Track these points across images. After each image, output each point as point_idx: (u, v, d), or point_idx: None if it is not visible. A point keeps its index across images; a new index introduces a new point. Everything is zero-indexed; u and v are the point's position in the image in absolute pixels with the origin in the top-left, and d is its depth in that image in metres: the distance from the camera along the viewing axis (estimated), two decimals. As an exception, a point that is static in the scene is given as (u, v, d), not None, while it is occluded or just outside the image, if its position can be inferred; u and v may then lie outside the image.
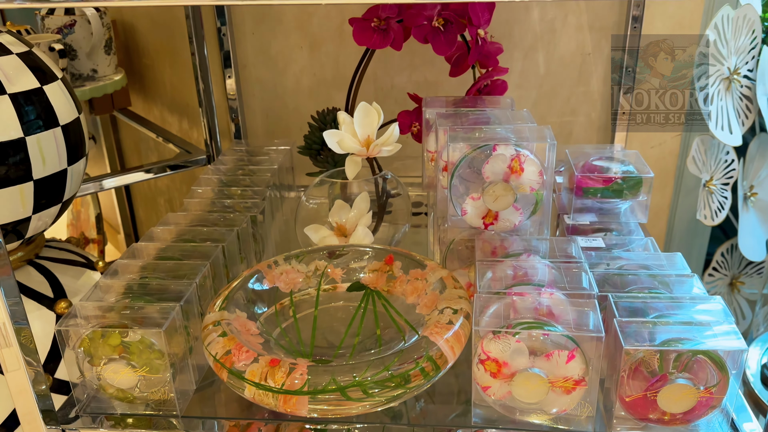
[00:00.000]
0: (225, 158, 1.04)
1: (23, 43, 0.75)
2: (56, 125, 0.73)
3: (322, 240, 0.86)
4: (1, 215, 0.70)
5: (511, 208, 0.72)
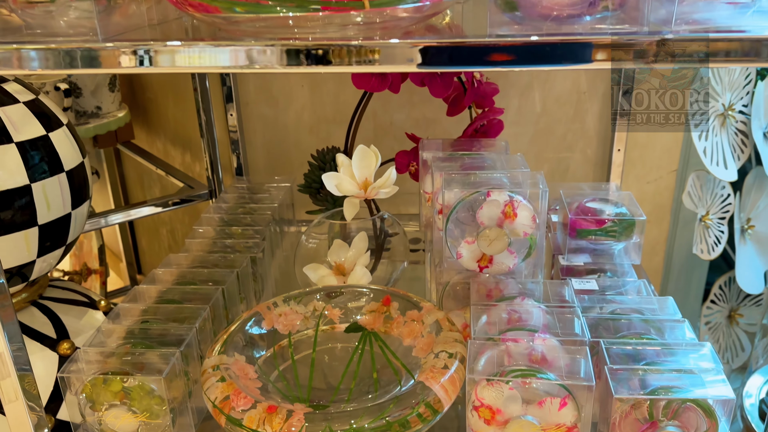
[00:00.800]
0: (226, 195, 1.05)
1: (30, 90, 0.77)
2: (61, 171, 0.75)
3: (321, 279, 0.87)
4: (6, 260, 0.72)
5: (505, 252, 0.73)
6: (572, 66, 0.45)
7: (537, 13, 0.47)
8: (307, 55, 0.46)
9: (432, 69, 0.45)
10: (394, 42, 0.46)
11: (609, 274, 0.81)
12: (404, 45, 0.46)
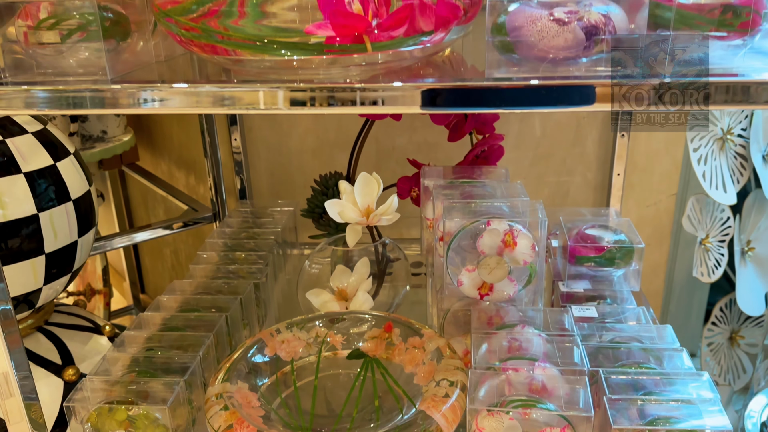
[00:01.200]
0: (230, 220, 1.07)
1: (38, 120, 0.79)
2: (68, 200, 0.76)
3: (323, 304, 0.88)
4: (13, 288, 0.73)
5: (505, 280, 0.74)
6: (571, 108, 0.46)
7: (533, 55, 0.49)
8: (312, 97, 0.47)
9: (434, 111, 0.46)
10: (397, 85, 0.47)
11: (608, 301, 0.82)
12: (407, 88, 0.47)
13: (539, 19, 0.48)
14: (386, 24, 0.48)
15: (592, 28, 0.47)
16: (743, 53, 0.49)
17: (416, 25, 0.49)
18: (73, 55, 0.52)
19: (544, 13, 0.48)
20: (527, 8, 0.48)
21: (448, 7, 0.50)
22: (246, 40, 0.47)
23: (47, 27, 0.51)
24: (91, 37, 0.51)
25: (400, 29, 0.49)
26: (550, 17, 0.47)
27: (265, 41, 0.47)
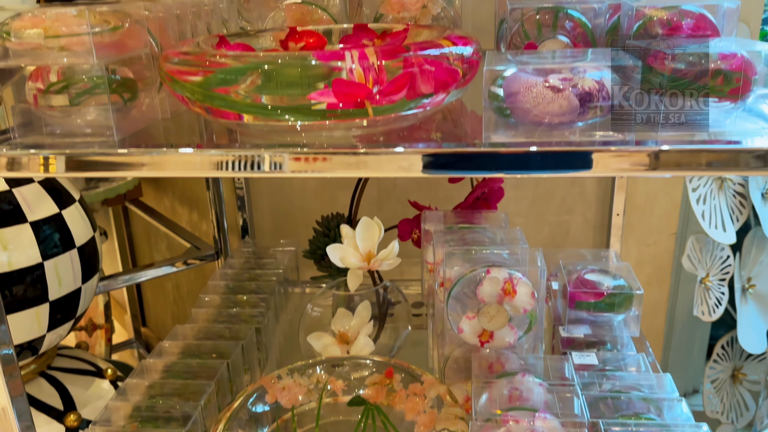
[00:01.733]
0: (232, 261, 1.07)
1: (45, 168, 0.80)
2: (73, 247, 0.77)
3: (325, 348, 0.88)
4: (17, 335, 0.74)
5: (506, 327, 0.74)
6: (568, 174, 0.47)
7: (529, 120, 0.50)
8: (314, 161, 0.48)
9: (435, 174, 0.47)
10: (398, 150, 0.48)
11: (608, 346, 0.82)
12: (407, 153, 0.48)
13: (534, 86, 0.49)
14: (387, 90, 0.49)
15: (586, 95, 0.48)
16: (735, 116, 0.50)
17: (417, 89, 0.51)
18: (82, 116, 0.53)
19: (539, 80, 0.49)
20: (523, 75, 0.50)
21: (447, 71, 0.52)
22: (251, 106, 0.48)
23: (56, 90, 0.52)
24: (99, 98, 0.53)
25: (400, 94, 0.50)
26: (545, 84, 0.49)
27: (269, 108, 0.48)
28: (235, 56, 0.48)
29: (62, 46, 0.49)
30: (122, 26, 0.53)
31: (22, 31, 0.48)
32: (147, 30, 0.58)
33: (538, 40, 0.63)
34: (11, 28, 0.49)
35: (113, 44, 0.53)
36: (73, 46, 0.50)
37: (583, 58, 0.52)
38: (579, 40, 0.63)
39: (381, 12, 0.74)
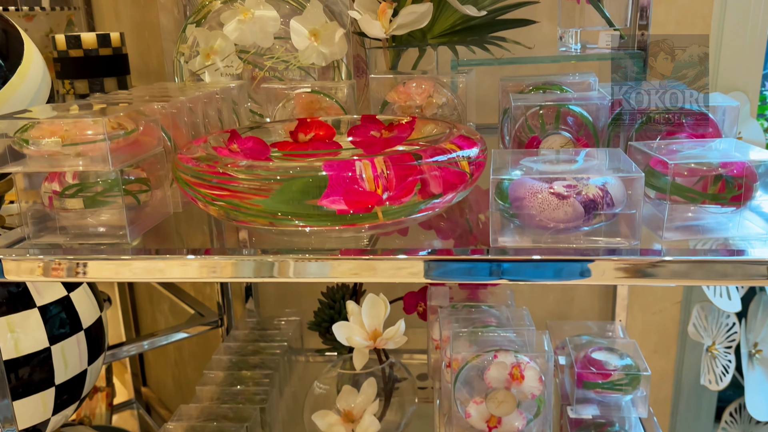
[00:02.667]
0: (236, 332, 1.07)
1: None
2: (80, 329, 0.77)
3: (330, 427, 0.88)
4: (22, 421, 0.73)
5: (514, 413, 0.74)
6: (572, 282, 0.48)
7: (535, 224, 0.51)
8: (319, 266, 0.49)
9: (437, 282, 0.48)
10: (402, 258, 0.49)
11: (617, 427, 0.82)
12: (412, 260, 0.49)
13: (540, 192, 0.50)
14: (397, 196, 0.50)
15: (590, 203, 0.49)
16: (737, 222, 0.51)
17: (425, 192, 0.52)
18: (96, 217, 0.54)
19: (544, 186, 0.50)
20: (528, 180, 0.51)
21: (455, 174, 0.53)
22: (262, 212, 0.49)
23: (71, 194, 0.53)
24: (113, 200, 0.54)
25: (409, 197, 0.51)
26: (549, 190, 0.50)
27: (279, 215, 0.49)
28: (247, 166, 0.49)
29: (79, 152, 0.51)
30: (137, 129, 0.55)
31: (41, 140, 0.50)
32: (161, 127, 0.60)
33: (541, 134, 0.64)
34: (30, 136, 0.50)
35: (128, 145, 0.54)
36: (90, 151, 0.51)
37: (586, 163, 0.53)
38: (581, 134, 0.64)
39: (388, 100, 0.75)
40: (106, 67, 1.01)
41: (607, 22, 0.78)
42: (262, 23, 0.80)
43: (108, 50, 1.01)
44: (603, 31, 0.78)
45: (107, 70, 1.01)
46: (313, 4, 0.79)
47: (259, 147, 0.65)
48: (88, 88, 1.00)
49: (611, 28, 0.78)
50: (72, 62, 1.00)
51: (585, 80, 0.73)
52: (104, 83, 1.01)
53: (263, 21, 0.80)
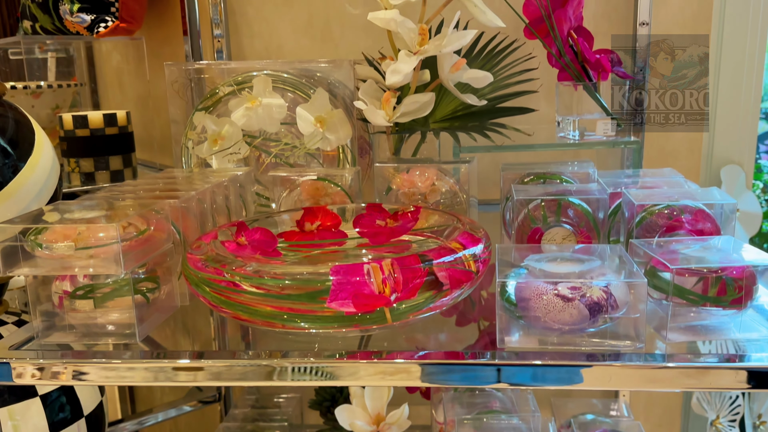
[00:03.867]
0: (236, 412, 1.06)
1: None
2: (81, 416, 0.76)
3: None
4: None
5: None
6: (575, 387, 0.48)
7: (541, 325, 0.51)
8: (319, 371, 0.50)
9: (434, 385, 0.48)
10: (400, 362, 0.50)
11: None
12: (408, 363, 0.50)
13: (545, 293, 0.51)
14: (405, 296, 0.51)
15: (594, 305, 0.50)
16: (740, 323, 0.52)
17: (433, 290, 0.53)
18: (105, 316, 0.55)
19: (549, 287, 0.51)
20: (533, 282, 0.51)
21: (461, 273, 0.54)
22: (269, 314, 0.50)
23: (81, 296, 0.54)
24: (122, 300, 0.54)
25: (416, 296, 0.52)
26: (554, 292, 0.50)
27: (285, 317, 0.50)
28: (255, 270, 0.50)
29: (91, 255, 0.52)
30: (148, 228, 0.56)
31: (53, 244, 0.51)
32: (171, 222, 0.61)
33: (543, 226, 0.65)
34: (43, 240, 0.51)
35: (139, 244, 0.55)
36: (102, 253, 0.52)
37: (589, 263, 0.54)
38: (582, 226, 0.65)
39: (392, 186, 0.77)
40: (112, 145, 1.03)
41: (604, 110, 0.81)
42: (269, 110, 0.82)
43: (114, 129, 1.03)
44: (600, 119, 0.80)
45: (113, 148, 1.03)
46: (319, 93, 0.81)
47: (266, 239, 0.66)
48: (94, 167, 1.02)
49: (608, 117, 0.80)
50: (78, 141, 1.01)
51: (584, 171, 0.74)
52: (109, 161, 1.03)
53: (270, 108, 0.82)
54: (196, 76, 0.90)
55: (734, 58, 1.28)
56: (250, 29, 1.08)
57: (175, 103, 0.87)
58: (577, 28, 0.82)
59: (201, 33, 1.08)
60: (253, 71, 0.86)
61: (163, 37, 1.26)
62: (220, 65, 0.92)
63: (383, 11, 0.77)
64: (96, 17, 1.09)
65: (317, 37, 1.07)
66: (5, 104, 0.75)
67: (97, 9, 1.09)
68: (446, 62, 0.78)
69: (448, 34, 0.76)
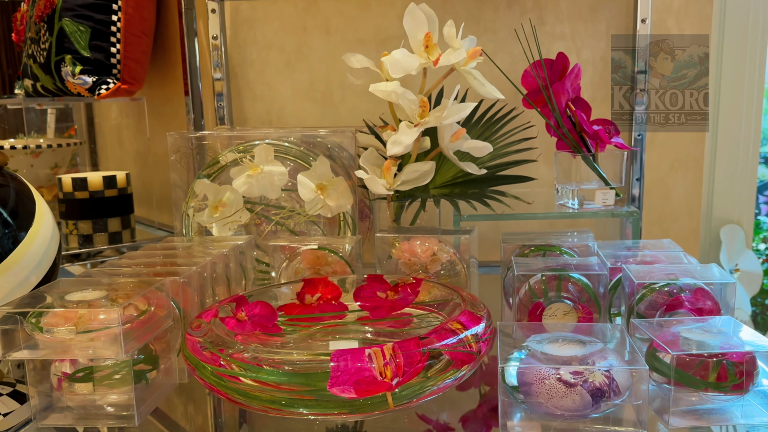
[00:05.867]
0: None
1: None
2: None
3: None
4: None
5: None
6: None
7: (543, 411, 0.51)
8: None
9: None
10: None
11: None
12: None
13: (547, 378, 0.50)
14: (407, 380, 0.50)
15: (597, 391, 0.49)
16: (743, 408, 0.51)
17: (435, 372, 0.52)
18: (104, 398, 0.54)
19: (551, 372, 0.51)
20: (535, 365, 0.51)
21: (463, 354, 0.53)
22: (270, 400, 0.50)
23: (80, 378, 0.53)
24: (122, 381, 0.54)
25: (418, 377, 0.52)
26: (557, 377, 0.50)
27: (283, 402, 0.49)
28: (253, 357, 0.50)
29: (92, 338, 0.51)
30: (149, 309, 0.56)
31: (54, 328, 0.51)
32: (171, 299, 0.61)
33: (545, 301, 0.65)
34: (44, 323, 0.51)
35: (139, 324, 0.55)
36: (102, 336, 0.51)
37: (590, 345, 0.54)
38: (583, 301, 0.65)
39: (392, 255, 0.77)
40: (111, 208, 1.03)
41: (603, 181, 0.82)
42: (270, 177, 0.83)
43: (114, 191, 1.04)
44: (599, 189, 0.81)
45: (112, 210, 1.03)
46: (320, 161, 0.82)
47: (266, 313, 0.66)
48: (92, 229, 1.02)
49: (607, 187, 0.81)
50: (77, 204, 1.02)
51: (584, 243, 0.75)
52: (108, 223, 1.03)
53: (271, 175, 0.83)
54: (197, 142, 0.91)
55: (731, 119, 1.30)
56: (252, 92, 1.10)
57: (177, 170, 0.88)
58: (575, 99, 0.83)
59: (203, 93, 1.09)
60: (255, 140, 0.87)
61: (164, 96, 1.28)
62: (223, 133, 0.93)
63: (384, 83, 0.78)
64: (98, 79, 1.11)
65: (318, 100, 1.09)
66: (6, 174, 0.75)
67: (98, 71, 1.11)
68: (446, 132, 0.79)
69: (449, 106, 0.77)
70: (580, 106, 0.83)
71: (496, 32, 1.03)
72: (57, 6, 1.13)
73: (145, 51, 1.17)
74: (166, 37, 1.23)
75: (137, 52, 1.15)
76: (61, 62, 1.11)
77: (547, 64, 0.84)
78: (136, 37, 1.14)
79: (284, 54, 1.08)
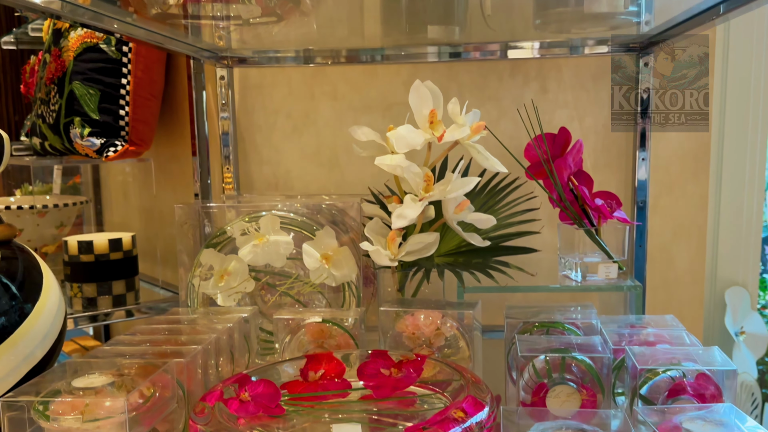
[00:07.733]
0: None
1: None
2: None
3: None
4: None
5: None
6: None
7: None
8: None
9: None
10: None
11: None
12: None
13: (553, 473, 0.50)
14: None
15: (604, 488, 0.49)
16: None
17: None
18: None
19: (558, 467, 0.50)
20: (541, 460, 0.51)
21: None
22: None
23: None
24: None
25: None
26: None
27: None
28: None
29: (98, 427, 0.51)
30: (154, 394, 0.56)
31: (61, 417, 0.51)
32: (176, 381, 0.61)
33: (549, 382, 0.65)
34: (50, 411, 0.51)
35: (145, 410, 0.55)
36: (108, 425, 0.52)
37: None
38: (587, 382, 0.65)
39: (397, 330, 0.77)
40: (116, 271, 1.04)
41: (606, 254, 0.82)
42: (276, 246, 0.84)
43: (119, 254, 1.04)
44: (602, 263, 0.81)
45: (117, 273, 1.04)
46: (325, 231, 0.83)
47: (269, 392, 0.66)
48: (96, 292, 1.03)
49: (610, 260, 0.82)
50: (82, 267, 1.02)
51: (588, 320, 0.75)
52: (113, 286, 1.04)
53: (277, 245, 0.84)
54: (205, 211, 0.92)
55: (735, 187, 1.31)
56: (259, 156, 1.11)
57: (183, 239, 0.89)
58: (577, 172, 0.85)
59: (210, 154, 1.11)
60: (261, 211, 0.88)
61: (170, 154, 1.29)
62: (229, 202, 0.95)
63: (389, 156, 0.80)
64: (106, 141, 1.12)
65: (325, 164, 1.10)
66: (14, 247, 0.76)
67: (107, 133, 1.13)
68: (450, 204, 0.80)
69: (453, 180, 0.79)
70: (582, 180, 0.84)
71: (499, 100, 1.05)
72: (68, 69, 1.15)
73: (153, 113, 1.19)
74: (174, 97, 1.25)
75: (146, 114, 1.17)
76: (70, 124, 1.13)
77: (549, 137, 0.85)
78: (145, 100, 1.16)
79: (291, 119, 1.10)
